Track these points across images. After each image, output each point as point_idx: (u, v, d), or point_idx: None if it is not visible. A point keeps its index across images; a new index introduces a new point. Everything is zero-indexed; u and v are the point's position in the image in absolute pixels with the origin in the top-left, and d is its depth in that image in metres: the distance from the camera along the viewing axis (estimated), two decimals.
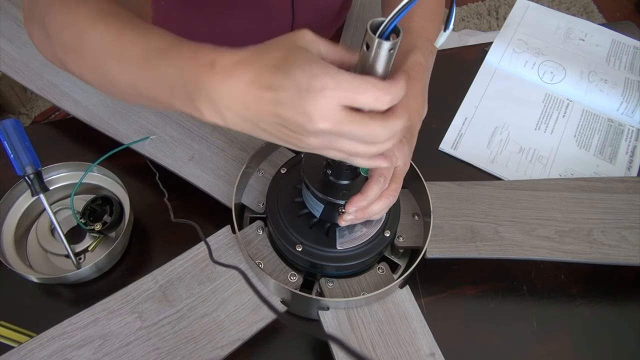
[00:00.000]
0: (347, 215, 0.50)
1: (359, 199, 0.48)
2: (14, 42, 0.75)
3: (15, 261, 0.62)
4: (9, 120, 0.61)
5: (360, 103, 0.36)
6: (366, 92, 0.35)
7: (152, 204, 0.67)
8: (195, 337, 0.55)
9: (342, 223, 0.51)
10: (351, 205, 0.48)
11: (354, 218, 0.50)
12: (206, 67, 0.38)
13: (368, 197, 0.48)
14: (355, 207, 0.48)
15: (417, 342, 0.56)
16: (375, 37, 0.36)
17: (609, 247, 0.63)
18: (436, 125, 0.82)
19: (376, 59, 0.37)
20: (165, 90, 0.42)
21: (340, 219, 0.51)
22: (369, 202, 0.49)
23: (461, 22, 2.04)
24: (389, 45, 0.36)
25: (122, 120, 0.70)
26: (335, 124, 0.36)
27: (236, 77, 0.37)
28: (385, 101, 0.36)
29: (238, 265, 0.59)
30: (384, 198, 0.50)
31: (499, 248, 0.62)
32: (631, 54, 0.92)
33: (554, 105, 0.86)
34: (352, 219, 0.50)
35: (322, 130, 0.36)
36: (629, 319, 0.66)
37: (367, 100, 0.36)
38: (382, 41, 0.36)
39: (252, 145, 0.68)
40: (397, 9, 0.34)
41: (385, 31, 0.36)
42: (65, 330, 0.54)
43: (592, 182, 0.70)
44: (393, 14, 0.35)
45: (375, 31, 0.36)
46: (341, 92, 0.35)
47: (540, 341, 0.64)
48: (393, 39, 0.36)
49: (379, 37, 0.36)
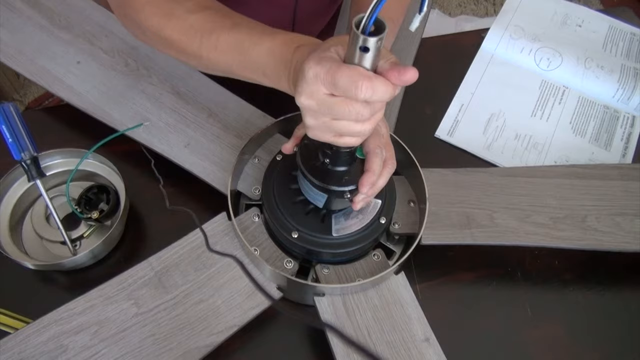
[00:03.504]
0: (359, 197, 0.52)
1: (368, 176, 0.50)
2: (5, 26, 0.74)
3: (10, 248, 0.61)
4: (9, 103, 0.60)
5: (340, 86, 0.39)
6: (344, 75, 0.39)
7: (147, 190, 0.67)
8: (191, 324, 0.55)
9: (357, 207, 0.53)
10: (363, 185, 0.50)
11: (366, 197, 0.52)
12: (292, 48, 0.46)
13: (375, 171, 0.50)
14: (368, 185, 0.50)
15: (412, 327, 0.56)
16: (359, 32, 0.37)
17: (603, 234, 0.64)
18: (432, 112, 0.82)
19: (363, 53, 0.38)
20: (258, 72, 0.49)
21: (354, 204, 0.52)
22: (377, 175, 0.51)
23: (458, 8, 2.03)
24: (374, 41, 0.37)
25: (117, 107, 0.69)
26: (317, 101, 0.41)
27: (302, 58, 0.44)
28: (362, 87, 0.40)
29: (234, 252, 0.59)
30: (386, 167, 0.52)
31: (494, 234, 0.63)
32: (628, 41, 0.92)
33: (550, 92, 0.86)
34: (365, 199, 0.52)
35: (308, 106, 0.42)
36: (621, 304, 0.67)
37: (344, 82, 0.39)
38: (367, 37, 0.37)
39: (247, 132, 0.68)
40: (372, 4, 0.35)
41: (367, 27, 0.37)
42: (62, 317, 0.54)
43: (587, 169, 0.70)
44: (370, 9, 0.36)
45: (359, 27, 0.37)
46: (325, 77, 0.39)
47: (534, 326, 0.64)
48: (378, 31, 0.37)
49: (362, 33, 0.37)
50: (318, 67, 0.39)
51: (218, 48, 0.50)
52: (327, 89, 0.40)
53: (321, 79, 0.39)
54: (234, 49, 0.50)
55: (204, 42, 0.51)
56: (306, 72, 0.40)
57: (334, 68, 0.39)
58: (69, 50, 0.73)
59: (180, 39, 0.52)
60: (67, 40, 0.74)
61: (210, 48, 0.51)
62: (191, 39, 0.51)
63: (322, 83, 0.40)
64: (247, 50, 0.49)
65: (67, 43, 0.74)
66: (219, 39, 0.50)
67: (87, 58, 0.73)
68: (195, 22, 0.51)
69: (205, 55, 0.52)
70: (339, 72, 0.39)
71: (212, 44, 0.50)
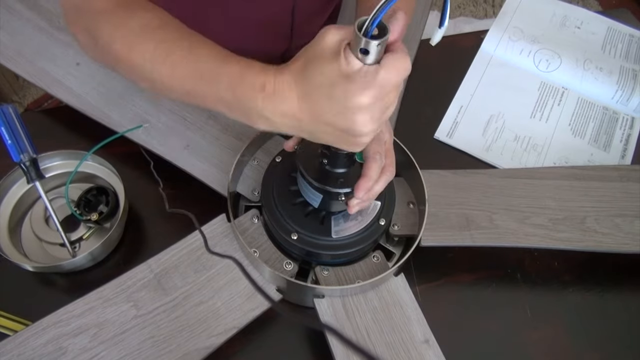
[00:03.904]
0: (354, 201, 0.51)
1: (364, 181, 0.49)
2: (5, 28, 0.74)
3: (9, 250, 0.61)
4: (8, 105, 0.60)
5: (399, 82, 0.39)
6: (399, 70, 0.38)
7: (147, 192, 0.67)
8: (191, 325, 0.55)
9: (352, 210, 0.52)
10: (359, 190, 0.50)
11: (362, 202, 0.51)
12: (257, 90, 0.42)
13: (372, 177, 0.50)
14: (364, 191, 0.50)
15: (412, 329, 0.56)
16: (361, 35, 0.37)
17: (602, 235, 0.64)
18: (431, 114, 0.82)
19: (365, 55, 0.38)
20: (221, 106, 0.46)
21: (350, 207, 0.52)
22: (374, 181, 0.50)
23: (457, 10, 2.03)
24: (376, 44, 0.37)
25: (116, 108, 0.69)
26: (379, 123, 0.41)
27: (287, 97, 0.41)
28: None
29: (233, 253, 0.59)
30: (384, 174, 0.51)
31: (493, 236, 0.63)
32: (627, 42, 0.92)
33: (549, 93, 0.86)
34: (359, 203, 0.51)
35: (372, 130, 0.41)
36: (620, 305, 0.67)
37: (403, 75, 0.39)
38: (368, 40, 0.37)
39: (247, 134, 0.68)
40: (377, 8, 0.35)
41: (369, 30, 0.36)
42: (61, 319, 0.54)
43: (586, 171, 0.70)
44: (374, 12, 0.35)
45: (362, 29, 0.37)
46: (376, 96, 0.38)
47: (534, 327, 0.64)
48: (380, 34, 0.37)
49: (364, 35, 0.37)
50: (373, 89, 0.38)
51: (174, 75, 0.46)
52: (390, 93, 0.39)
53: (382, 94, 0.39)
54: (191, 77, 0.45)
55: (156, 67, 0.46)
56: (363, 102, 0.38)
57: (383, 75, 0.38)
58: (68, 52, 0.73)
59: (130, 58, 0.48)
60: (66, 42, 0.74)
61: (165, 74, 0.46)
62: (142, 61, 0.47)
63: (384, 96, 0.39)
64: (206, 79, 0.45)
65: (66, 45, 0.74)
66: (174, 65, 0.46)
67: (86, 60, 0.73)
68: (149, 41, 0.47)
69: (159, 81, 0.47)
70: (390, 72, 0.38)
71: (166, 70, 0.46)
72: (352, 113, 0.39)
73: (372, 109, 0.39)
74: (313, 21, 0.85)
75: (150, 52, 0.46)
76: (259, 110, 0.42)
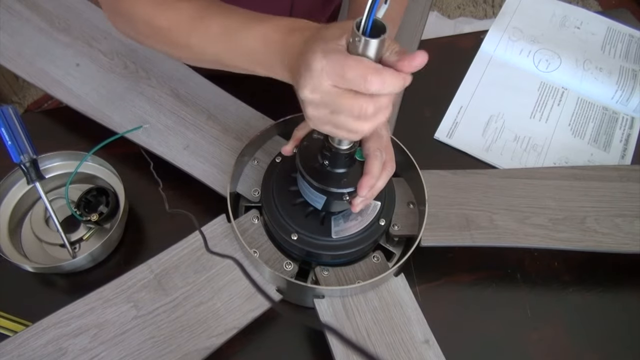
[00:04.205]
0: (358, 199, 0.51)
1: (367, 179, 0.50)
2: (4, 29, 0.74)
3: (9, 250, 0.61)
4: (8, 106, 0.60)
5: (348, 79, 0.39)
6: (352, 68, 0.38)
7: (147, 193, 0.67)
8: (191, 326, 0.55)
9: (355, 209, 0.52)
10: (362, 188, 0.50)
11: (365, 200, 0.52)
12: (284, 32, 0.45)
13: (375, 174, 0.50)
14: (367, 188, 0.50)
15: (412, 329, 0.56)
16: (360, 34, 0.37)
17: (602, 235, 0.64)
18: (431, 114, 0.82)
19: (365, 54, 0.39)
20: (249, 59, 0.49)
21: (353, 206, 0.52)
22: (376, 178, 0.50)
23: (457, 10, 2.03)
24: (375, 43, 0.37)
25: (116, 109, 0.69)
26: (322, 95, 0.40)
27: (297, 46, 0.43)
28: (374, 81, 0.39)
29: (233, 254, 0.59)
30: (385, 170, 0.52)
31: (493, 236, 0.63)
32: (626, 42, 0.92)
33: (549, 93, 0.86)
34: (363, 201, 0.52)
35: (311, 100, 0.41)
36: (621, 305, 0.67)
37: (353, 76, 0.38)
38: (368, 40, 0.37)
39: (247, 134, 0.68)
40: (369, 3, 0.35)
41: (367, 28, 0.37)
42: (61, 319, 0.54)
43: (586, 171, 0.70)
44: (367, 10, 0.36)
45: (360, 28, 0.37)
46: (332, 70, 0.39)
47: (534, 327, 0.64)
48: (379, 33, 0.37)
49: (363, 34, 0.37)
50: (325, 60, 0.39)
51: (208, 35, 0.50)
52: (334, 82, 0.39)
53: (327, 71, 0.39)
54: (224, 35, 0.49)
55: (194, 30, 0.50)
56: (312, 65, 0.39)
57: (342, 60, 0.38)
58: (68, 53, 0.73)
59: (170, 28, 0.52)
60: (66, 43, 0.74)
61: (201, 35, 0.50)
62: (182, 27, 0.51)
63: (329, 76, 0.39)
64: (238, 36, 0.48)
65: (66, 45, 0.74)
66: (209, 25, 0.49)
67: (86, 60, 0.73)
68: (186, 9, 0.51)
69: (196, 44, 0.51)
70: (347, 64, 0.38)
71: (202, 31, 0.50)
72: (302, 69, 0.40)
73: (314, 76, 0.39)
74: None
75: (187, 17, 0.51)
76: (290, 48, 0.44)
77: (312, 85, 0.40)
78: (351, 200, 0.52)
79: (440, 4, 2.04)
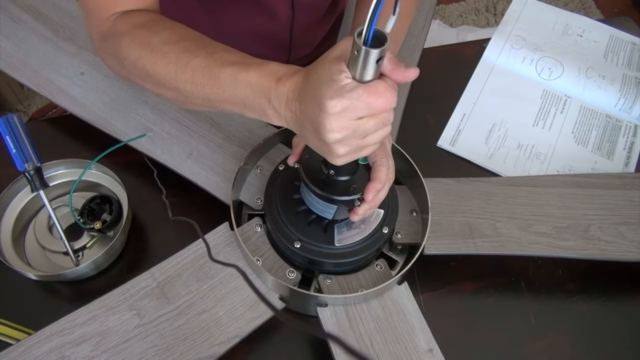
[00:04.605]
0: (364, 206, 0.52)
1: (374, 184, 0.50)
2: (10, 39, 0.75)
3: (13, 258, 0.61)
4: (13, 114, 0.61)
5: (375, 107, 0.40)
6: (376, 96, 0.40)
7: (150, 201, 0.67)
8: (194, 334, 0.55)
9: (355, 218, 0.52)
10: (369, 193, 0.50)
11: (369, 207, 0.52)
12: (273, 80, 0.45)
13: (382, 180, 0.50)
14: (374, 193, 0.50)
15: (415, 338, 0.56)
16: (361, 44, 0.37)
17: (606, 243, 0.63)
18: (434, 122, 0.82)
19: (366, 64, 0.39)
20: (238, 107, 0.49)
21: (354, 214, 0.52)
22: (383, 184, 0.51)
23: (459, 18, 2.04)
24: (376, 53, 0.38)
25: (120, 117, 0.70)
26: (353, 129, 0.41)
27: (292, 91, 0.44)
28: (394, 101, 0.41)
29: (236, 262, 0.59)
30: (387, 178, 0.52)
31: (497, 244, 0.62)
32: (629, 50, 0.92)
33: (552, 101, 0.86)
34: (367, 209, 0.52)
35: (340, 139, 0.42)
36: (625, 314, 0.66)
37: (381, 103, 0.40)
38: (369, 49, 0.37)
39: (250, 142, 0.68)
40: (370, 13, 0.36)
41: (368, 37, 0.37)
42: (64, 327, 0.54)
43: (590, 178, 0.70)
44: (368, 19, 0.36)
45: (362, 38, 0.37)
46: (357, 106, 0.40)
47: (538, 336, 0.64)
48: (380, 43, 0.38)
49: (364, 44, 0.37)
50: (345, 100, 0.40)
51: (195, 83, 0.50)
52: (361, 115, 0.41)
53: (352, 109, 0.40)
54: (210, 82, 0.49)
55: (180, 76, 0.50)
56: (331, 110, 0.40)
57: (363, 94, 0.39)
58: (73, 62, 0.74)
59: (157, 73, 0.51)
60: (71, 52, 0.74)
61: (187, 82, 0.50)
62: (169, 73, 0.50)
63: (354, 112, 0.40)
64: (224, 85, 0.48)
65: (71, 54, 0.74)
66: (194, 72, 0.49)
67: (90, 69, 0.73)
68: (171, 53, 0.50)
69: (183, 89, 0.51)
70: (370, 95, 0.39)
71: (188, 78, 0.50)
72: (322, 117, 0.41)
73: (339, 118, 0.40)
74: (312, 33, 0.85)
75: (173, 63, 0.50)
76: (285, 97, 0.45)
77: (339, 127, 0.41)
78: (352, 209, 0.52)
79: (442, 12, 2.05)
